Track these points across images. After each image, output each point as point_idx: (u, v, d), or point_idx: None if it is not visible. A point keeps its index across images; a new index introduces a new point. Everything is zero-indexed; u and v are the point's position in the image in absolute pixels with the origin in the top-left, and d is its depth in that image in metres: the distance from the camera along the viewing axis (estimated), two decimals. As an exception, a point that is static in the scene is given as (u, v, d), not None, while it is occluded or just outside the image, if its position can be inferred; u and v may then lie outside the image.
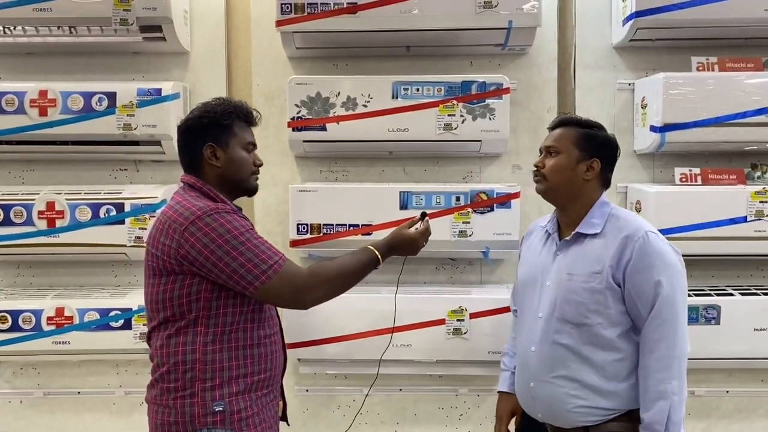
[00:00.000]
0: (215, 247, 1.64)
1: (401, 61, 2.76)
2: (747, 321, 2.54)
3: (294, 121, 2.57)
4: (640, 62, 2.75)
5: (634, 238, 1.79)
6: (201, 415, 1.68)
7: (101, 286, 2.82)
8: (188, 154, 1.81)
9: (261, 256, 1.67)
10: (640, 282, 1.77)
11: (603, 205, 1.90)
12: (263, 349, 1.78)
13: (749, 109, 2.48)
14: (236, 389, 1.71)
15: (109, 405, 2.85)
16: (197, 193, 1.77)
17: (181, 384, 1.69)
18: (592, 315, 1.81)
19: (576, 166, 1.89)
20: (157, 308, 1.73)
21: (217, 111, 1.79)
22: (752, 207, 2.50)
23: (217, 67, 2.79)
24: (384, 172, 2.80)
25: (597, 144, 1.91)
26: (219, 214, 1.68)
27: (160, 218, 1.74)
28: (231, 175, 1.81)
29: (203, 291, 1.69)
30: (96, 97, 2.57)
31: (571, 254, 1.88)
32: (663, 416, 1.72)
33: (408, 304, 2.50)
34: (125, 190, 2.66)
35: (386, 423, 2.81)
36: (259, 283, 1.66)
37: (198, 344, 1.69)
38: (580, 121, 1.96)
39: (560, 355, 1.85)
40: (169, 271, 1.69)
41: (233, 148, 1.80)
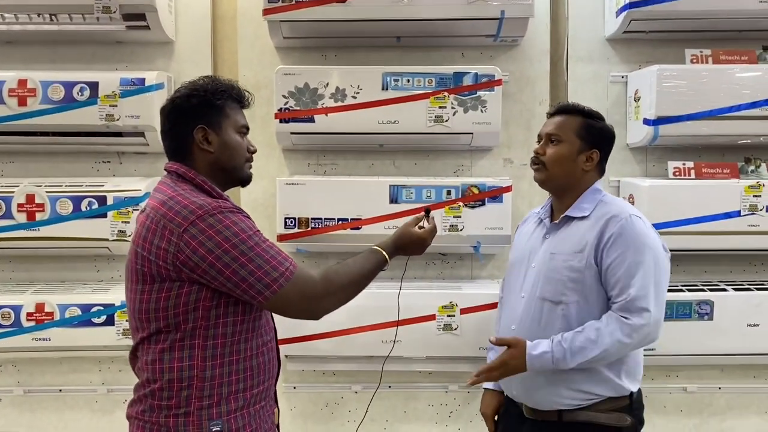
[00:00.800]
0: (221, 253, 1.45)
1: (391, 53, 2.70)
2: (740, 317, 2.51)
3: (281, 113, 2.51)
4: (633, 55, 2.72)
5: (618, 218, 1.80)
6: None
7: (83, 281, 2.75)
8: (175, 139, 1.60)
9: (271, 262, 1.49)
10: (617, 260, 1.77)
11: (595, 192, 1.92)
12: (261, 358, 1.62)
13: (743, 102, 2.46)
14: (235, 406, 1.55)
15: (91, 403, 2.78)
16: (189, 186, 1.56)
17: (176, 402, 1.52)
18: (570, 293, 1.82)
19: (577, 157, 1.89)
20: (147, 318, 1.53)
21: (207, 89, 1.60)
22: (746, 201, 2.47)
23: (202, 57, 2.73)
24: (373, 165, 2.75)
25: (597, 134, 1.91)
26: (223, 214, 1.48)
27: (151, 215, 1.51)
28: (225, 161, 1.62)
29: (202, 300, 1.50)
30: (77, 87, 2.50)
31: (559, 236, 1.91)
32: (576, 347, 1.74)
33: (395, 300, 2.45)
34: (108, 182, 2.60)
35: (376, 421, 2.76)
36: (270, 292, 1.48)
37: (196, 359, 1.52)
38: (583, 109, 1.94)
39: (539, 334, 1.85)
40: (163, 278, 1.49)
41: (227, 131, 1.61)
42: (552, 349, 1.77)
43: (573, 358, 1.75)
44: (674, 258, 2.69)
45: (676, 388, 2.75)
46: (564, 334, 1.78)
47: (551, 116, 1.97)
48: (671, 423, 2.76)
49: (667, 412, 2.75)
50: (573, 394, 1.83)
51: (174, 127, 1.60)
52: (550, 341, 1.79)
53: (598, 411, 1.83)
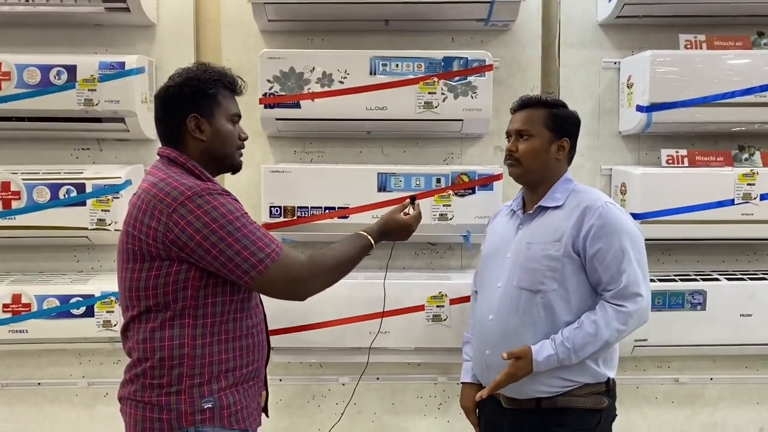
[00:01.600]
0: (208, 233, 1.50)
1: (380, 37, 2.63)
2: (733, 307, 2.48)
3: (266, 98, 2.44)
4: (626, 40, 2.66)
5: (594, 208, 1.82)
6: (189, 413, 1.55)
7: (62, 272, 2.67)
8: (168, 126, 1.65)
9: (258, 243, 1.54)
10: (601, 250, 1.78)
11: (566, 182, 1.94)
12: (251, 339, 1.66)
13: (738, 89, 2.41)
14: (225, 384, 1.60)
15: (71, 397, 2.71)
16: (180, 170, 1.61)
17: (167, 380, 1.56)
18: (548, 281, 1.83)
19: (549, 148, 1.92)
20: (137, 296, 1.57)
21: (201, 78, 1.64)
22: (740, 189, 2.43)
23: (184, 40, 2.64)
24: (361, 153, 2.69)
25: (565, 123, 1.94)
26: (211, 196, 1.53)
27: (142, 196, 1.56)
28: (217, 149, 1.66)
29: (191, 279, 1.54)
30: (54, 71, 2.41)
31: (533, 226, 1.91)
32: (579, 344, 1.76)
33: (386, 289, 2.40)
34: (87, 169, 2.51)
35: (363, 413, 2.71)
36: (255, 272, 1.53)
37: (186, 338, 1.56)
38: (546, 101, 1.97)
39: (516, 324, 1.86)
40: (153, 256, 1.53)
41: (219, 119, 1.66)
42: (556, 350, 1.78)
43: (577, 355, 1.77)
44: (666, 247, 2.69)
45: (667, 379, 2.72)
46: (563, 332, 1.79)
47: (515, 112, 1.99)
48: (663, 414, 2.73)
49: (658, 403, 2.73)
50: (553, 381, 1.84)
51: (167, 115, 1.65)
52: (552, 342, 1.79)
53: (576, 396, 1.84)
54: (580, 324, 1.78)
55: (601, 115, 2.68)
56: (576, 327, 1.78)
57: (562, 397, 1.85)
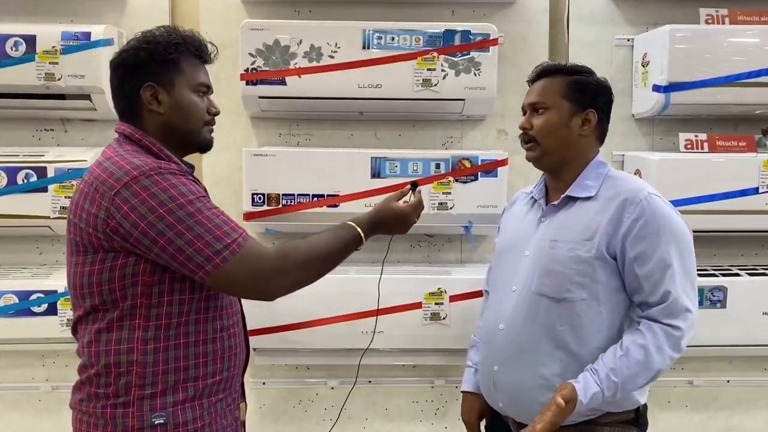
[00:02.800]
0: (155, 219, 1.29)
1: (373, 9, 2.41)
2: (755, 304, 2.30)
3: (248, 74, 2.21)
4: (640, 15, 2.46)
5: (635, 200, 1.52)
6: (136, 429, 1.35)
7: (22, 265, 2.44)
8: (123, 97, 1.44)
9: (215, 231, 1.32)
10: (644, 253, 1.49)
11: (599, 166, 1.64)
12: (219, 344, 1.43)
13: (763, 68, 2.22)
14: (183, 396, 1.38)
15: (33, 402, 2.49)
16: (135, 147, 1.41)
17: (113, 390, 1.36)
18: (576, 289, 1.53)
19: (570, 122, 1.61)
20: (81, 294, 1.37)
21: (159, 42, 1.42)
22: (765, 177, 2.24)
23: (159, 12, 2.40)
24: (353, 136, 2.47)
25: (590, 91, 1.62)
26: (161, 175, 1.32)
27: (85, 178, 1.38)
28: (177, 124, 1.45)
29: (141, 273, 1.33)
30: (11, 41, 2.17)
31: (558, 220, 1.61)
32: (628, 376, 1.46)
33: (374, 286, 2.19)
34: (49, 152, 2.28)
35: (353, 419, 2.51)
36: (211, 266, 1.30)
37: (136, 341, 1.35)
38: (566, 67, 1.66)
39: (532, 337, 1.58)
40: (96, 248, 1.33)
41: (180, 89, 1.44)
42: (601, 386, 1.46)
43: (624, 390, 1.48)
44: (683, 240, 2.49)
45: (681, 382, 2.53)
46: (605, 360, 1.48)
47: (532, 83, 1.69)
48: (676, 419, 2.55)
49: (671, 407, 2.54)
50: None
51: (121, 85, 1.44)
52: (595, 375, 1.47)
53: (600, 425, 1.55)
54: (625, 351, 1.47)
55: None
56: (621, 354, 1.47)
57: (583, 425, 1.55)
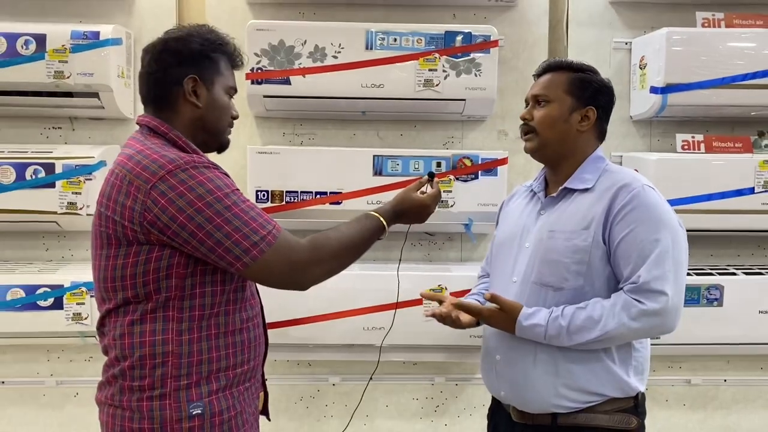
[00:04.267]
0: (193, 212, 1.30)
1: (375, 12, 2.47)
2: (751, 303, 2.33)
3: (253, 73, 2.25)
4: (638, 19, 2.51)
5: (629, 188, 1.56)
6: (175, 421, 1.35)
7: (28, 261, 2.47)
8: (160, 84, 1.43)
9: (251, 224, 1.34)
10: (630, 236, 1.52)
11: (597, 160, 1.68)
12: (246, 335, 1.46)
13: (759, 70, 2.27)
14: (216, 386, 1.39)
15: (38, 397, 2.51)
16: (162, 140, 1.41)
17: (149, 382, 1.36)
18: (573, 277, 1.57)
19: (569, 117, 1.65)
20: (113, 287, 1.37)
21: (206, 38, 1.44)
22: (760, 177, 2.29)
23: (166, 12, 2.45)
24: (355, 136, 2.51)
25: (592, 90, 1.66)
26: (197, 169, 1.33)
27: (116, 171, 1.37)
28: (211, 121, 1.47)
29: (175, 266, 1.34)
30: (22, 40, 2.21)
31: (557, 211, 1.65)
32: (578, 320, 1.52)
33: (379, 282, 2.24)
34: (57, 149, 2.32)
35: (355, 416, 2.52)
36: (249, 258, 1.32)
37: (171, 332, 1.36)
38: (572, 64, 1.70)
39: None
40: (130, 240, 1.33)
41: (217, 88, 1.47)
42: (547, 324, 1.54)
43: (570, 338, 1.53)
44: (680, 239, 2.52)
45: (679, 381, 2.56)
46: (565, 308, 1.54)
47: (538, 77, 1.73)
48: (674, 418, 2.57)
49: (669, 406, 2.57)
50: (572, 394, 1.58)
51: (162, 71, 1.42)
52: (548, 314, 1.55)
53: (599, 413, 1.58)
54: (585, 305, 1.54)
55: (611, 98, 2.52)
56: (580, 306, 1.54)
57: (582, 413, 1.58)
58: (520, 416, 1.66)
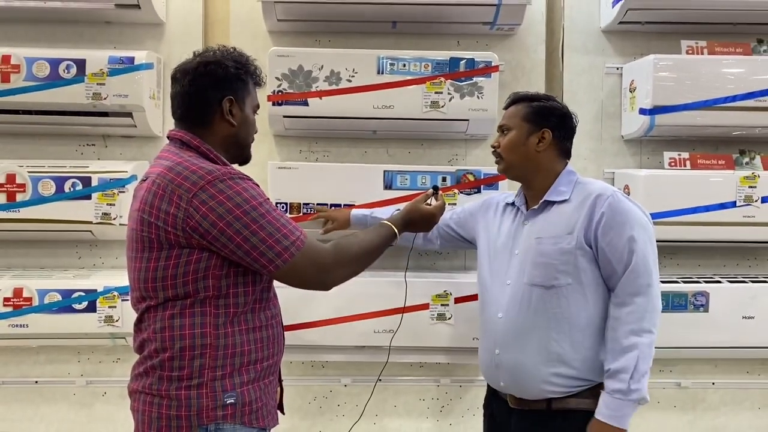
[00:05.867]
0: (232, 219, 1.43)
1: (386, 39, 2.67)
2: (735, 308, 2.49)
3: (274, 95, 2.45)
4: (628, 47, 2.71)
5: (604, 197, 1.79)
6: (210, 408, 1.47)
7: (63, 268, 2.65)
8: (198, 104, 1.56)
9: (282, 230, 1.47)
10: (613, 239, 1.75)
11: (569, 174, 1.91)
12: (270, 331, 1.59)
13: (738, 93, 2.45)
14: (247, 378, 1.52)
15: (68, 396, 2.67)
16: (195, 153, 1.53)
17: (188, 372, 1.47)
18: (562, 276, 1.79)
19: (527, 140, 1.90)
20: (154, 287, 1.49)
21: (238, 61, 1.59)
22: (741, 192, 2.46)
23: (193, 39, 2.66)
24: (366, 153, 2.70)
25: (545, 114, 1.91)
26: (233, 180, 1.46)
27: (156, 180, 1.47)
28: (242, 137, 1.63)
29: (212, 268, 1.47)
30: (64, 64, 2.41)
31: (540, 221, 1.88)
32: (630, 365, 1.69)
33: (389, 287, 2.41)
34: (92, 164, 2.51)
35: (365, 415, 2.67)
36: (281, 261, 1.46)
37: (209, 326, 1.48)
38: (528, 96, 1.96)
39: (528, 321, 1.83)
40: (172, 244, 1.45)
41: (247, 107, 1.63)
42: (627, 394, 1.70)
43: (644, 379, 1.71)
44: (669, 250, 2.71)
45: (669, 384, 2.72)
46: (613, 371, 1.71)
47: (505, 109, 2.00)
48: (665, 419, 2.73)
49: (660, 407, 2.72)
50: (561, 381, 1.79)
51: (201, 92, 1.56)
52: (610, 397, 1.71)
53: (587, 398, 1.79)
54: (622, 348, 1.71)
55: (603, 119, 2.71)
56: (617, 352, 1.72)
57: (573, 398, 1.80)
58: (518, 403, 1.86)
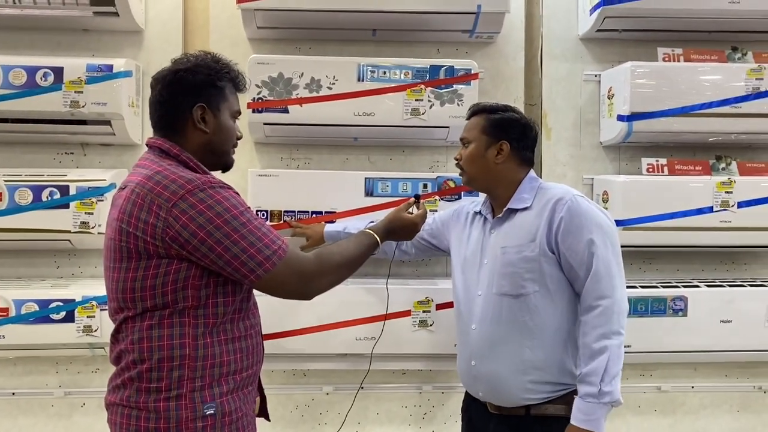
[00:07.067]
0: (212, 229, 1.41)
1: (366, 47, 2.68)
2: (713, 313, 2.52)
3: (254, 102, 2.45)
4: (606, 54, 2.74)
5: (563, 202, 1.80)
6: (189, 420, 1.45)
7: (41, 278, 2.62)
8: (170, 112, 1.55)
9: (264, 239, 1.45)
10: (573, 244, 1.77)
11: (532, 181, 1.93)
12: (250, 341, 1.58)
13: (714, 100, 2.49)
14: (227, 388, 1.50)
15: (46, 407, 2.64)
16: (174, 162, 1.52)
17: (166, 384, 1.45)
18: (528, 284, 1.80)
19: (486, 153, 1.92)
20: (132, 297, 1.46)
21: (212, 68, 1.57)
22: (718, 197, 2.49)
23: (172, 47, 2.64)
24: (348, 160, 2.70)
25: (503, 127, 1.92)
26: (213, 189, 1.44)
27: (135, 189, 1.45)
28: (218, 144, 1.59)
29: (191, 278, 1.45)
30: (41, 72, 2.39)
31: (504, 230, 1.90)
32: (600, 368, 1.70)
33: (371, 295, 2.41)
34: (71, 172, 2.48)
35: (347, 423, 2.67)
36: (262, 270, 1.45)
37: (187, 337, 1.46)
38: (489, 107, 1.97)
39: (501, 331, 1.84)
40: (151, 254, 1.43)
41: (223, 113, 1.59)
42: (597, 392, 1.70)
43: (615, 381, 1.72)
44: (648, 256, 2.73)
45: (650, 388, 2.74)
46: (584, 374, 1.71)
47: (468, 119, 2.01)
48: (646, 422, 2.75)
49: (641, 411, 2.74)
50: (541, 387, 1.81)
51: (171, 100, 1.55)
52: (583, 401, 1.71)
53: (563, 404, 1.81)
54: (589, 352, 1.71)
55: (582, 126, 2.74)
56: (588, 357, 1.72)
57: (551, 404, 1.81)
58: (497, 409, 1.88)
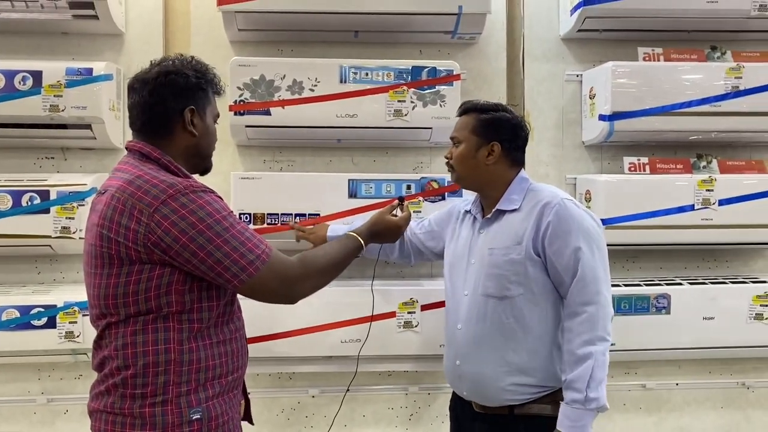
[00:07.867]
0: (195, 234, 1.40)
1: (348, 48, 2.67)
2: (696, 310, 2.54)
3: (236, 105, 2.43)
4: (587, 54, 2.76)
5: (551, 206, 1.79)
6: (176, 425, 1.44)
7: (22, 284, 2.59)
8: (158, 114, 1.52)
9: (247, 244, 1.45)
10: (559, 248, 1.76)
11: (522, 182, 1.92)
12: (235, 344, 1.57)
13: (694, 99, 2.51)
14: (213, 393, 1.50)
15: (29, 415, 2.60)
16: (155, 166, 1.50)
17: (152, 390, 1.44)
18: (513, 286, 1.80)
19: (476, 153, 1.90)
20: (114, 303, 1.44)
21: (199, 70, 1.57)
22: (699, 195, 2.51)
23: (153, 50, 2.62)
24: (331, 162, 2.70)
25: (494, 128, 1.91)
26: (195, 194, 1.43)
27: (116, 194, 1.43)
28: (203, 147, 1.60)
29: (174, 283, 1.43)
30: (19, 76, 2.36)
31: (493, 230, 1.89)
32: (586, 374, 1.70)
33: (356, 297, 2.40)
34: (51, 177, 2.46)
35: (334, 426, 2.66)
36: (246, 275, 1.44)
37: (172, 342, 1.45)
38: (480, 106, 1.96)
39: (485, 332, 1.84)
40: (133, 260, 1.41)
41: (208, 116, 1.60)
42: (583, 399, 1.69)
43: (601, 387, 1.72)
44: (631, 254, 2.75)
45: (635, 386, 2.75)
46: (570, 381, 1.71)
47: (458, 117, 2.00)
48: (631, 420, 2.76)
49: (626, 409, 2.76)
50: (523, 389, 1.81)
51: (161, 102, 1.52)
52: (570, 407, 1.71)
53: (549, 403, 1.81)
54: (575, 358, 1.71)
55: (564, 126, 2.75)
56: (573, 364, 1.71)
57: (534, 404, 1.82)
58: (481, 408, 1.89)
